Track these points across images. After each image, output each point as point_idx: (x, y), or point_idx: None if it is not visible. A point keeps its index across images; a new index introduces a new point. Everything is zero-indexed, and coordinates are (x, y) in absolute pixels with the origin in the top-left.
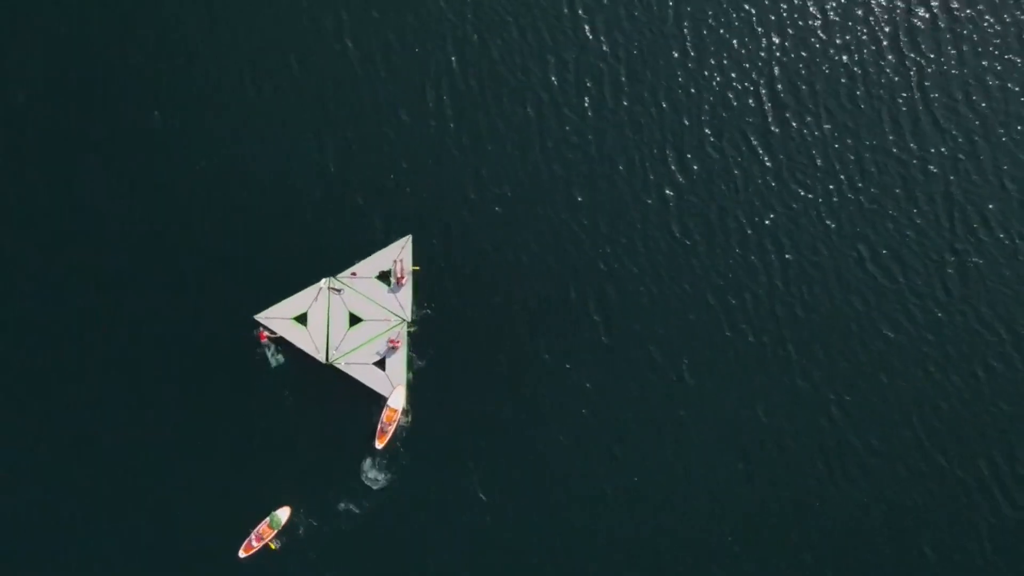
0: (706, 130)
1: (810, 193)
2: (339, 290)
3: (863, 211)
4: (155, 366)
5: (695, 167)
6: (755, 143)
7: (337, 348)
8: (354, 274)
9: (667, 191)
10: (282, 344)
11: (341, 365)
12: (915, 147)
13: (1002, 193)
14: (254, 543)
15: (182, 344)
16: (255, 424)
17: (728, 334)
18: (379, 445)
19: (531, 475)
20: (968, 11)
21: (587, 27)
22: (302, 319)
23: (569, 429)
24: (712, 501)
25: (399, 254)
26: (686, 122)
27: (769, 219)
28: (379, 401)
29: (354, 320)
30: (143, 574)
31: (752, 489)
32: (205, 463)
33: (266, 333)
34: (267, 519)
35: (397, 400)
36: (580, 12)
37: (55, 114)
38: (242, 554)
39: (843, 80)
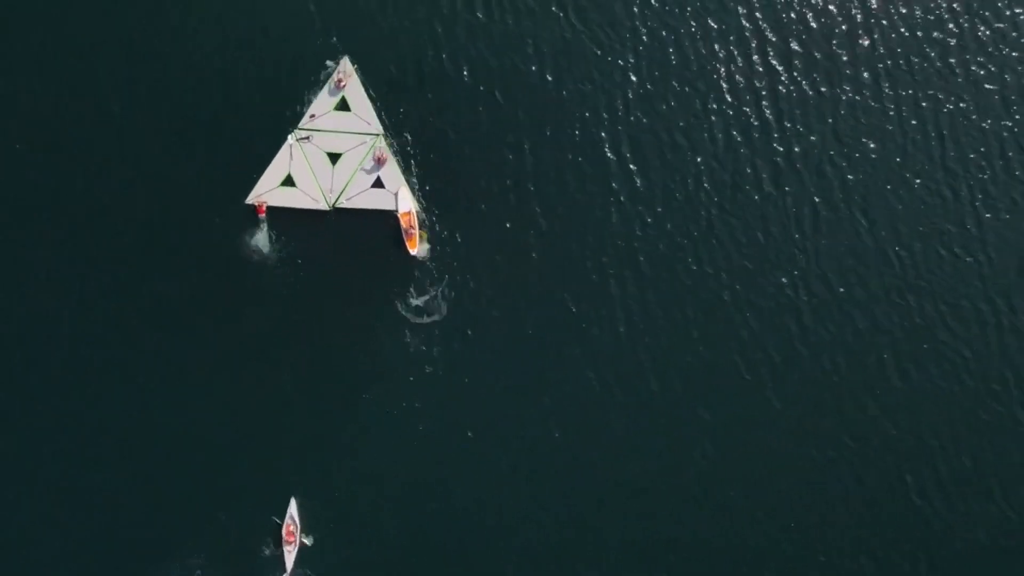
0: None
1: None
2: (307, 137)
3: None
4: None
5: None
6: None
7: (332, 190)
8: (313, 116)
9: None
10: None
11: (344, 204)
12: (781, 199)
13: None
14: None
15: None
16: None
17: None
18: (412, 250)
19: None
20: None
21: None
22: (289, 181)
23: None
24: None
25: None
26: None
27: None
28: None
29: (334, 158)
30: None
31: None
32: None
33: (263, 207)
34: None
35: (405, 201)
36: None
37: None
38: None
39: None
